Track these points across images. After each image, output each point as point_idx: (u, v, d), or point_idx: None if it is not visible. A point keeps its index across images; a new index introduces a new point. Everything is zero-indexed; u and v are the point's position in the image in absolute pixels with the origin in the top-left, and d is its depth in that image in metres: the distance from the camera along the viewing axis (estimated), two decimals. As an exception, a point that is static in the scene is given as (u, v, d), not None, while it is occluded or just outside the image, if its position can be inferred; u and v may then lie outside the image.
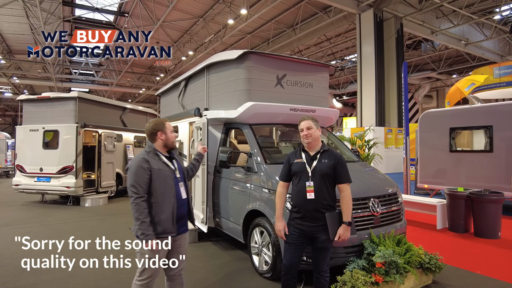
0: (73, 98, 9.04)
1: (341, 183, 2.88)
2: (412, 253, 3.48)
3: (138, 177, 2.58)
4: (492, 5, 18.28)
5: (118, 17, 20.18)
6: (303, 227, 2.86)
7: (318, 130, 2.97)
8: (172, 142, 2.81)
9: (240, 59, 4.68)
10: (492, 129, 7.64)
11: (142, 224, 2.52)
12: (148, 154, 2.71)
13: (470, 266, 4.43)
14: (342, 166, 2.89)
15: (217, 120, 5.17)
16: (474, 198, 5.84)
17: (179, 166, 2.86)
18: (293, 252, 2.90)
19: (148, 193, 2.60)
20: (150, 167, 2.61)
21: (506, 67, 18.77)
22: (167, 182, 2.67)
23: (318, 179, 2.85)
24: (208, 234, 5.43)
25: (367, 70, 17.99)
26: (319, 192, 2.83)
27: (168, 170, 2.72)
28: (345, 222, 2.79)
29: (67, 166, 8.84)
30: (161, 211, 2.61)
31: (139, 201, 2.55)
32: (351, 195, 2.86)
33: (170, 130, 2.81)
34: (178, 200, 2.71)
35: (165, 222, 2.62)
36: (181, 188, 2.77)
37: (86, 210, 8.77)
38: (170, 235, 2.66)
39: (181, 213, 2.77)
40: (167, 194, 2.65)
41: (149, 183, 2.59)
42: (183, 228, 2.85)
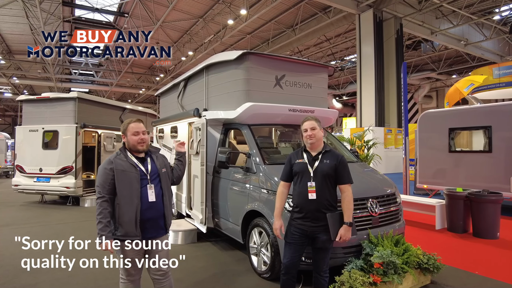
0: (73, 99, 9.05)
1: (342, 183, 2.89)
2: (410, 254, 3.49)
3: (101, 178, 2.62)
4: (491, 6, 18.30)
5: (118, 18, 20.18)
6: (304, 227, 2.87)
7: (321, 131, 2.97)
8: (132, 144, 2.71)
9: (239, 59, 4.69)
10: (491, 130, 7.65)
11: (99, 224, 2.54)
12: (117, 155, 2.70)
13: (469, 266, 4.43)
14: (343, 167, 2.90)
15: (216, 121, 5.18)
16: (473, 198, 5.85)
17: (153, 168, 2.76)
18: (293, 252, 2.91)
19: (114, 193, 2.61)
20: (114, 168, 2.61)
21: (505, 67, 18.81)
22: (131, 184, 2.61)
23: (319, 179, 2.86)
24: (207, 235, 5.45)
25: (367, 71, 18.00)
26: (320, 192, 2.84)
27: (134, 171, 2.66)
28: (346, 222, 2.81)
29: (66, 166, 8.85)
30: (123, 213, 2.59)
31: (100, 201, 2.58)
32: (352, 196, 2.88)
33: (131, 132, 2.70)
34: (144, 203, 2.63)
35: (127, 225, 2.59)
36: (149, 191, 2.67)
37: (86, 210, 8.78)
38: (133, 239, 2.61)
39: (150, 216, 2.67)
40: (129, 196, 2.60)
41: (113, 184, 2.59)
42: (158, 232, 2.75)
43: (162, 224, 2.78)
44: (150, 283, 2.88)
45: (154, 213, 2.70)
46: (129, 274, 2.73)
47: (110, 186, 2.59)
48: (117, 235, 2.63)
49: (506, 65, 18.54)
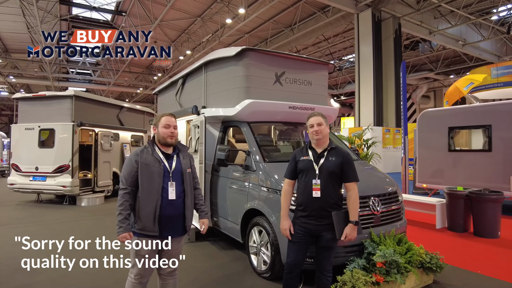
0: (69, 97, 8.95)
1: (348, 181, 2.82)
2: (413, 253, 3.43)
3: (125, 169, 2.62)
4: (489, 6, 18.33)
5: (115, 16, 20.07)
6: (308, 225, 2.81)
7: (327, 127, 2.91)
8: (162, 137, 2.68)
9: (238, 56, 4.62)
10: (491, 129, 7.61)
11: (119, 215, 2.52)
12: (144, 148, 2.68)
13: (470, 265, 4.38)
14: (349, 165, 2.83)
15: (215, 118, 5.11)
16: (473, 197, 5.80)
17: (177, 165, 2.70)
18: (297, 251, 2.85)
19: (136, 186, 2.58)
20: (139, 161, 2.59)
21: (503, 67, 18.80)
22: (152, 178, 2.58)
23: (325, 177, 2.79)
24: (206, 234, 5.32)
25: (365, 70, 17.98)
26: (325, 190, 2.77)
27: (158, 166, 2.62)
28: (351, 221, 2.74)
29: (63, 165, 8.75)
30: (142, 207, 2.57)
31: (122, 192, 2.56)
32: (358, 194, 2.81)
33: (162, 125, 2.69)
34: (164, 200, 2.59)
35: (145, 219, 2.55)
36: (169, 188, 2.62)
37: (82, 209, 8.68)
38: (151, 234, 2.57)
39: (169, 214, 2.61)
40: (150, 190, 2.57)
41: (136, 177, 2.58)
42: (173, 231, 2.67)
43: (181, 224, 2.71)
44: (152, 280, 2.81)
45: (174, 211, 2.64)
46: (138, 274, 2.65)
47: (133, 178, 2.58)
48: (136, 228, 2.60)
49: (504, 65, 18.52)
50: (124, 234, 2.51)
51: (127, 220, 2.54)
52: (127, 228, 2.53)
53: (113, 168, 10.40)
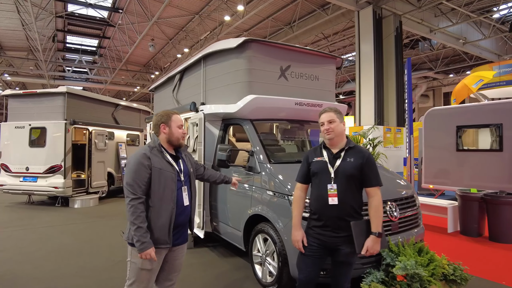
0: (62, 94, 8.57)
1: (369, 186, 2.45)
2: (436, 264, 3.09)
3: (137, 175, 2.26)
4: (490, 4, 18.08)
5: (112, 13, 19.66)
6: (323, 237, 2.44)
7: (342, 124, 2.53)
8: (176, 138, 2.45)
9: (240, 48, 4.27)
10: (502, 127, 7.30)
11: (138, 229, 2.20)
12: (151, 150, 2.38)
13: (493, 275, 4.06)
14: (370, 166, 2.45)
15: (214, 116, 4.77)
16: (489, 200, 5.48)
17: (185, 168, 2.51)
18: (310, 266, 2.48)
19: (147, 194, 2.29)
20: (151, 165, 2.30)
21: (506, 65, 18.57)
22: (168, 185, 2.33)
23: (342, 181, 2.42)
24: (204, 239, 5.01)
25: (366, 68, 17.66)
26: (343, 196, 2.40)
27: (171, 171, 2.37)
28: (374, 232, 2.37)
29: (55, 165, 8.38)
30: (157, 217, 2.29)
31: (136, 203, 2.23)
32: (381, 201, 2.44)
33: (176, 124, 2.46)
34: (179, 207, 2.37)
35: (160, 231, 2.30)
36: (183, 193, 2.42)
37: (75, 211, 8.30)
38: (164, 246, 2.31)
39: (181, 221, 2.43)
40: (166, 198, 2.31)
41: (148, 184, 2.29)
42: (181, 238, 2.49)
43: (187, 230, 2.56)
44: None
45: (185, 218, 2.48)
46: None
47: (146, 186, 2.28)
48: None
49: (506, 63, 18.30)
50: (148, 251, 2.21)
51: (148, 234, 2.23)
52: (150, 243, 2.23)
53: (108, 168, 10.04)
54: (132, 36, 20.32)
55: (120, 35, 20.71)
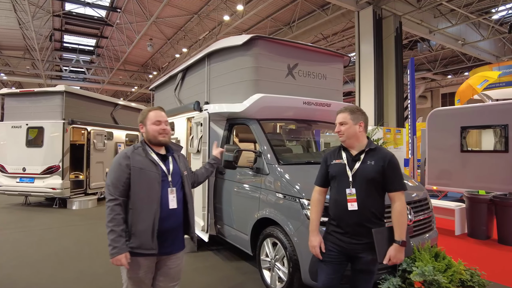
0: (60, 93, 8.40)
1: (392, 191, 2.26)
2: (454, 270, 2.97)
3: (114, 175, 2.17)
4: (489, 5, 18.08)
5: (110, 13, 19.47)
6: (342, 243, 2.30)
7: (356, 126, 2.33)
8: (152, 136, 2.29)
9: (247, 45, 4.14)
10: (507, 128, 7.21)
11: (111, 233, 2.09)
12: (134, 150, 2.27)
13: (508, 280, 3.94)
14: (393, 170, 2.26)
15: (219, 115, 4.63)
16: (498, 202, 5.39)
17: (175, 168, 2.34)
18: (330, 273, 2.32)
19: (127, 196, 2.17)
20: (130, 165, 2.17)
21: (505, 66, 18.56)
22: (150, 185, 2.18)
23: (361, 185, 2.27)
24: (208, 242, 4.87)
25: (366, 69, 17.60)
26: (363, 201, 2.25)
27: (154, 170, 2.21)
28: (397, 241, 2.18)
29: (52, 165, 8.21)
30: (138, 221, 2.15)
31: (112, 204, 2.12)
32: (405, 207, 2.25)
33: (151, 121, 2.30)
34: (164, 210, 2.19)
35: (142, 235, 2.14)
36: (170, 195, 2.23)
37: (74, 213, 8.14)
38: (148, 252, 2.15)
39: (169, 226, 2.24)
40: (147, 200, 2.16)
41: (128, 184, 2.16)
42: (174, 246, 2.30)
43: (181, 237, 2.38)
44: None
45: (173, 223, 2.28)
46: None
47: (124, 186, 2.16)
48: (129, 246, 2.16)
49: (506, 64, 18.30)
50: (119, 257, 2.07)
51: (122, 238, 2.10)
52: (123, 248, 2.09)
53: (107, 168, 9.86)
54: (130, 36, 20.12)
55: (118, 34, 20.50)
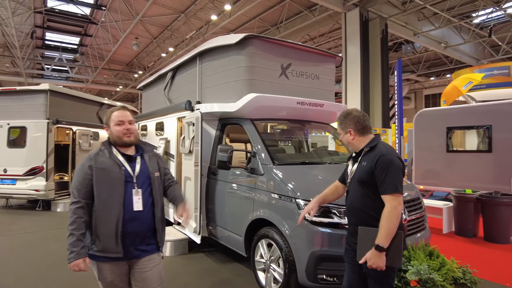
0: (44, 91, 8.15)
1: (381, 193, 2.14)
2: (448, 268, 3.01)
3: (78, 177, 2.13)
4: (470, 10, 18.60)
5: (94, 10, 19.06)
6: (351, 242, 2.32)
7: (347, 135, 2.35)
8: (117, 136, 2.20)
9: (240, 44, 4.11)
10: (491, 129, 7.41)
11: (70, 236, 2.03)
12: (99, 151, 2.21)
13: (495, 276, 4.03)
14: (382, 170, 2.12)
15: (211, 115, 4.58)
16: (484, 200, 5.51)
17: (143, 169, 2.25)
18: (350, 273, 2.34)
19: (92, 199, 2.11)
20: (93, 166, 2.11)
21: (486, 69, 19.10)
22: (112, 187, 2.10)
23: (354, 186, 2.28)
24: (200, 244, 4.80)
25: (353, 70, 17.81)
26: (355, 202, 2.27)
27: (117, 171, 2.13)
28: (374, 245, 2.05)
29: (36, 167, 7.95)
30: (101, 223, 2.08)
31: (74, 207, 2.07)
32: (394, 211, 2.05)
33: (114, 122, 2.21)
34: (127, 212, 2.11)
35: (106, 238, 2.07)
36: (134, 197, 2.14)
37: (59, 215, 7.91)
38: (113, 255, 2.08)
39: (135, 229, 2.15)
40: (110, 201, 2.09)
41: (91, 186, 2.10)
42: (144, 249, 2.21)
43: (152, 239, 2.26)
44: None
45: (140, 226, 2.17)
46: None
47: (88, 188, 2.10)
48: (94, 250, 2.10)
49: (487, 67, 18.83)
50: (76, 262, 2.00)
51: (81, 243, 2.04)
52: (81, 253, 2.03)
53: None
54: (115, 34, 19.75)
55: (103, 33, 20.09)
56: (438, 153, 8.36)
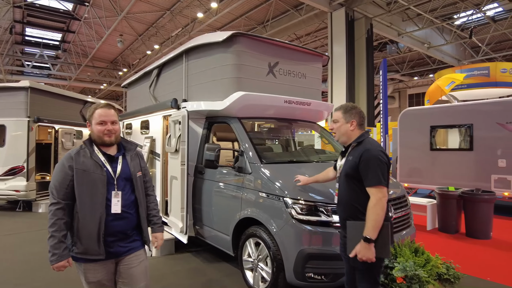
0: (24, 89, 7.90)
1: (366, 186, 2.24)
2: (432, 264, 3.07)
3: (57, 177, 2.07)
4: (452, 11, 19.05)
5: (77, 6, 18.62)
6: (341, 236, 2.47)
7: (348, 124, 2.43)
8: (97, 136, 2.14)
9: (228, 42, 4.07)
10: (472, 128, 7.60)
11: (51, 238, 2.00)
12: (80, 150, 2.14)
13: (476, 271, 4.13)
14: (366, 164, 2.22)
15: (197, 113, 4.53)
16: (466, 197, 5.65)
17: (125, 169, 2.21)
18: (346, 267, 2.49)
19: (73, 199, 2.07)
20: (73, 167, 2.06)
21: (467, 69, 19.61)
22: (94, 188, 2.06)
23: (342, 180, 2.42)
24: (187, 244, 4.74)
25: (338, 69, 17.97)
26: (342, 195, 2.41)
27: (99, 172, 2.09)
28: (363, 237, 2.14)
29: (16, 166, 7.71)
30: (83, 226, 2.04)
31: (54, 208, 2.02)
32: (379, 203, 2.15)
33: (96, 120, 2.14)
34: (110, 214, 2.09)
35: (87, 240, 2.04)
36: (113, 199, 2.10)
37: (40, 216, 7.69)
38: (94, 258, 2.06)
39: (119, 229, 2.13)
40: (92, 203, 2.05)
41: (71, 187, 2.05)
42: (129, 246, 2.19)
43: (138, 236, 2.25)
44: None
45: (125, 224, 2.16)
46: None
47: (68, 189, 2.05)
48: (75, 252, 2.07)
49: (468, 67, 19.33)
50: (59, 264, 1.99)
51: (63, 244, 2.01)
52: (64, 255, 2.00)
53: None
54: (99, 31, 19.34)
55: (86, 29, 19.65)
56: (422, 151, 8.53)
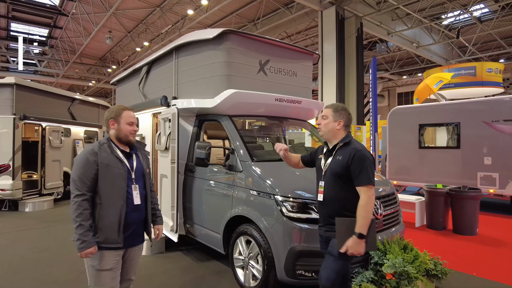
0: (9, 85, 7.71)
1: (357, 185, 2.32)
2: (421, 261, 3.11)
3: (82, 171, 2.23)
4: (440, 11, 19.34)
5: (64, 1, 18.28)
6: (321, 232, 2.53)
7: (335, 123, 2.48)
8: (125, 134, 2.37)
9: (218, 39, 4.04)
10: (459, 126, 7.73)
11: (79, 227, 2.16)
12: (100, 146, 2.33)
13: (463, 267, 4.21)
14: (358, 164, 2.31)
15: (188, 111, 4.50)
16: (453, 194, 5.74)
17: (138, 165, 2.45)
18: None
19: (94, 191, 2.25)
20: (98, 161, 2.24)
21: (455, 69, 19.94)
22: (116, 182, 2.28)
23: (329, 178, 2.44)
24: (177, 243, 4.72)
25: (329, 68, 18.06)
26: (330, 194, 2.42)
27: (120, 167, 2.31)
28: (355, 233, 2.23)
29: (1, 165, 7.54)
30: (105, 216, 2.24)
31: (80, 199, 2.19)
32: (369, 201, 2.27)
33: (126, 120, 2.38)
34: (129, 205, 2.31)
35: (108, 230, 2.24)
36: (133, 191, 2.34)
37: (27, 216, 7.55)
38: (114, 246, 2.26)
39: (133, 220, 2.36)
40: (114, 196, 2.26)
41: (95, 180, 2.24)
42: (138, 238, 2.46)
43: (141, 230, 2.50)
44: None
45: (138, 217, 2.40)
46: None
47: (92, 182, 2.23)
48: (96, 240, 2.24)
49: (456, 67, 19.64)
50: (88, 250, 2.15)
51: (90, 232, 2.18)
52: (92, 242, 2.17)
53: (64, 167, 9.27)
54: (87, 27, 19.03)
55: (74, 25, 19.30)
56: (410, 149, 8.64)
